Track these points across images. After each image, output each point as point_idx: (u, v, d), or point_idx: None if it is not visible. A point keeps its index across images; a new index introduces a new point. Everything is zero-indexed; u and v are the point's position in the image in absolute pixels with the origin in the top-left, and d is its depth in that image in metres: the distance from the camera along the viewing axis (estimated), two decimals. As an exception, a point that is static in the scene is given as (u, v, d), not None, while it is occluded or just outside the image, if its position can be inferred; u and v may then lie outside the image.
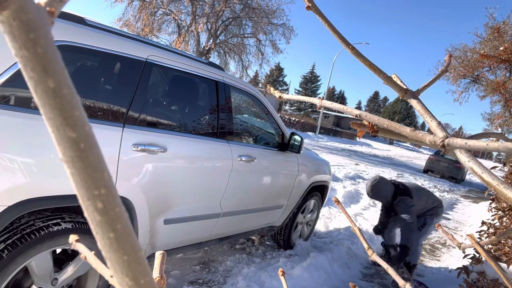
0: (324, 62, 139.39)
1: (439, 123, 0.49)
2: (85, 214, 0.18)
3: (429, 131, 0.51)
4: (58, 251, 1.97)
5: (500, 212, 3.38)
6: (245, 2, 19.26)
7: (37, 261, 1.72)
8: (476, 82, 13.33)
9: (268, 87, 0.81)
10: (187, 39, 19.49)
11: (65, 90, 0.17)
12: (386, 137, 0.61)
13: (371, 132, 0.59)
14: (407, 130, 0.50)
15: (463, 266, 2.60)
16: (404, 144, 56.08)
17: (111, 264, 0.19)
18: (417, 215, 3.81)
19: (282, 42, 24.00)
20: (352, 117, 0.60)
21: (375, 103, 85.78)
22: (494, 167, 4.17)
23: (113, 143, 1.95)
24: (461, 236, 6.43)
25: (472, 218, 8.21)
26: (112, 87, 2.14)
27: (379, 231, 4.21)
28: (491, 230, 3.37)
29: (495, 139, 0.76)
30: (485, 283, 2.33)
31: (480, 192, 14.84)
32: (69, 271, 1.89)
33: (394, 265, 3.67)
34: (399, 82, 0.61)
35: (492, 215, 3.52)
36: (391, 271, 0.57)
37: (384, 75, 0.58)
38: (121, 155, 1.96)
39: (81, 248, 0.30)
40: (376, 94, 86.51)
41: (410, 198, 3.73)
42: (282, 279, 0.57)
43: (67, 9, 2.18)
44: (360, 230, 0.63)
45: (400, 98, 0.60)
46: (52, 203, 1.72)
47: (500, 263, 2.31)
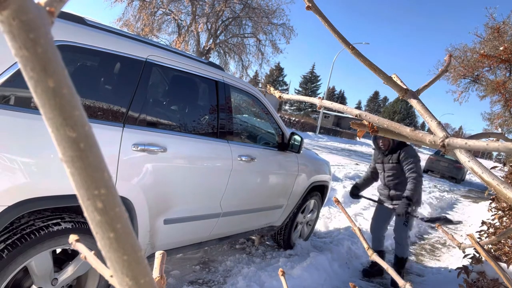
0: (324, 62, 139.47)
1: (439, 123, 0.49)
2: (85, 214, 0.18)
3: (429, 131, 0.51)
4: (58, 251, 1.97)
5: (500, 212, 3.38)
6: (245, 2, 19.26)
7: (37, 261, 1.72)
8: (476, 82, 13.33)
9: (268, 87, 0.81)
10: (187, 39, 19.49)
11: (65, 90, 0.17)
12: (386, 137, 0.61)
13: (371, 132, 0.59)
14: (407, 130, 0.50)
15: (463, 266, 2.60)
16: (404, 144, 55.95)
17: (111, 264, 0.19)
18: (397, 195, 3.66)
19: (282, 42, 24.07)
20: (352, 117, 0.60)
21: (375, 103, 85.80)
22: (494, 167, 4.17)
23: (113, 143, 1.95)
24: (461, 236, 6.43)
25: (472, 218, 8.22)
26: (112, 87, 2.14)
27: (355, 193, 4.00)
28: (491, 230, 3.37)
29: (495, 139, 0.76)
30: (485, 283, 2.33)
31: (480, 192, 14.84)
32: (69, 271, 1.89)
33: (401, 211, 3.40)
34: (399, 82, 0.61)
35: (492, 215, 3.52)
36: (391, 271, 0.57)
37: (384, 75, 0.58)
38: (121, 155, 1.96)
39: (81, 248, 0.30)
40: (376, 94, 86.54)
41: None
42: (282, 279, 0.57)
43: (67, 9, 2.18)
44: (360, 230, 0.63)
45: (400, 98, 0.60)
46: (52, 203, 1.72)
47: (500, 263, 2.31)
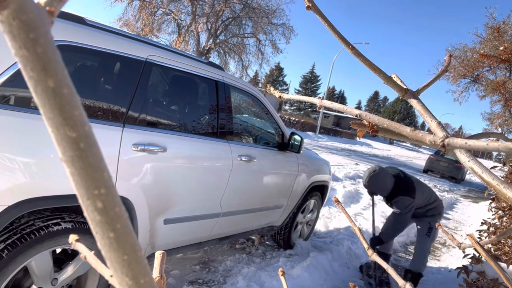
0: (324, 62, 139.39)
1: (439, 123, 0.49)
2: (85, 214, 0.18)
3: (429, 131, 0.51)
4: (58, 251, 1.97)
5: (500, 212, 3.38)
6: (245, 2, 19.26)
7: (37, 261, 1.72)
8: (476, 82, 13.32)
9: (268, 87, 0.81)
10: (187, 39, 19.48)
11: (65, 89, 0.17)
12: (386, 137, 0.61)
13: (371, 132, 0.59)
14: (407, 130, 0.50)
15: (463, 266, 2.60)
16: (404, 144, 56.09)
17: (111, 264, 0.19)
18: (417, 213, 3.59)
19: (282, 42, 24.07)
20: (352, 117, 0.60)
21: (375, 103, 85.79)
22: (494, 167, 4.18)
23: (113, 143, 1.95)
24: (461, 236, 6.43)
25: (472, 217, 8.22)
26: (112, 87, 2.14)
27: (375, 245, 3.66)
28: (491, 230, 3.38)
29: (495, 139, 0.76)
30: (485, 282, 2.33)
31: (480, 192, 14.85)
32: (69, 271, 1.89)
33: (373, 244, 3.50)
34: (399, 82, 0.61)
35: (492, 215, 3.52)
36: (391, 271, 0.57)
37: (384, 75, 0.58)
38: (121, 155, 1.96)
39: (81, 248, 0.30)
40: (376, 94, 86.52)
41: (412, 197, 3.43)
42: (282, 279, 0.57)
43: (67, 9, 2.18)
44: (360, 230, 0.63)
45: (400, 98, 0.60)
46: (52, 203, 1.72)
47: (500, 263, 2.31)
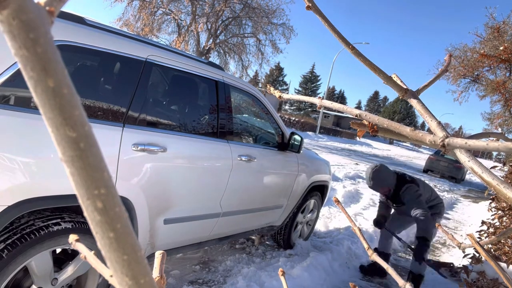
0: (324, 62, 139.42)
1: (439, 122, 0.49)
2: (85, 214, 0.18)
3: (429, 130, 0.51)
4: (58, 251, 1.97)
5: (500, 212, 3.38)
6: (245, 2, 19.26)
7: (37, 261, 1.71)
8: (476, 81, 13.32)
9: (268, 87, 0.81)
10: (187, 39, 19.48)
11: (65, 89, 0.17)
12: (386, 137, 0.61)
13: (371, 131, 0.59)
14: (407, 129, 0.50)
15: (463, 265, 2.61)
16: (404, 144, 56.10)
17: (111, 264, 0.19)
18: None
19: (282, 42, 24.09)
20: (352, 116, 0.60)
21: (375, 103, 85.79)
22: (494, 167, 4.18)
23: (113, 143, 1.95)
24: (461, 235, 6.43)
25: (472, 217, 8.22)
26: (112, 87, 2.13)
27: (380, 224, 3.89)
28: (491, 230, 3.38)
29: (495, 138, 0.76)
30: (485, 282, 2.33)
31: (480, 191, 14.84)
32: (69, 271, 1.89)
33: (419, 260, 3.30)
34: (399, 82, 0.61)
35: (492, 215, 3.52)
36: (391, 271, 0.57)
37: (384, 75, 0.58)
38: (121, 155, 1.96)
39: (81, 248, 0.30)
40: (376, 93, 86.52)
41: (416, 184, 3.46)
42: (282, 279, 0.57)
43: (67, 8, 2.18)
44: (360, 230, 0.63)
45: (400, 98, 0.60)
46: (52, 203, 1.72)
47: (500, 263, 2.31)
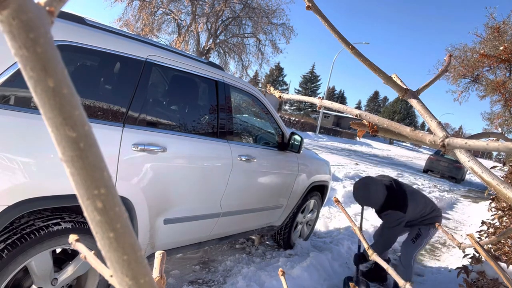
0: (324, 62, 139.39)
1: (439, 123, 0.49)
2: (85, 214, 0.18)
3: (429, 131, 0.51)
4: (58, 251, 1.97)
5: (500, 212, 3.38)
6: (245, 2, 19.26)
7: (37, 261, 1.72)
8: (476, 82, 13.32)
9: (268, 87, 0.81)
10: (187, 39, 19.48)
11: (64, 89, 0.17)
12: (386, 137, 0.61)
13: (371, 132, 0.59)
14: (407, 130, 0.50)
15: (463, 265, 2.60)
16: (404, 144, 56.09)
17: (111, 264, 0.19)
18: (411, 223, 3.37)
19: (282, 42, 24.14)
20: (352, 117, 0.60)
21: (375, 103, 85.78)
22: (494, 167, 4.18)
23: (113, 143, 1.95)
24: (461, 235, 6.43)
25: (472, 217, 8.22)
26: (112, 87, 2.13)
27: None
28: (491, 230, 3.38)
29: (495, 139, 0.76)
30: (485, 282, 2.33)
31: (480, 192, 14.85)
32: (69, 271, 1.89)
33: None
34: (399, 82, 0.61)
35: (492, 215, 3.52)
36: (391, 271, 0.57)
37: (384, 75, 0.58)
38: (121, 155, 1.96)
39: (81, 248, 0.30)
40: (376, 94, 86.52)
41: (403, 211, 3.18)
42: (282, 279, 0.57)
43: (67, 8, 2.18)
44: (360, 230, 0.63)
45: (400, 98, 0.60)
46: (52, 203, 1.72)
47: (500, 263, 2.31)
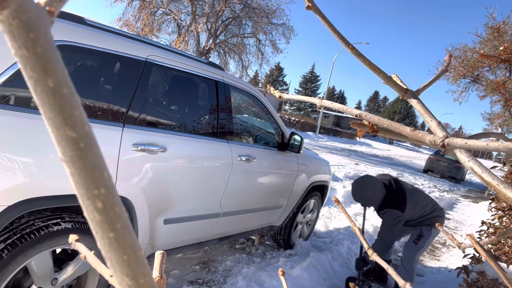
0: (324, 62, 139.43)
1: (439, 123, 0.49)
2: (85, 214, 0.18)
3: (429, 131, 0.51)
4: (58, 251, 1.97)
5: (500, 212, 3.38)
6: (245, 2, 19.26)
7: (37, 261, 1.72)
8: (476, 82, 13.32)
9: (268, 87, 0.81)
10: (187, 39, 19.48)
11: (64, 89, 0.17)
12: (386, 137, 0.61)
13: (371, 132, 0.59)
14: (407, 130, 0.50)
15: (463, 266, 2.60)
16: (404, 144, 56.08)
17: (111, 264, 0.19)
18: (411, 223, 3.31)
19: (282, 42, 24.15)
20: (352, 117, 0.60)
21: (375, 103, 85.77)
22: (494, 167, 4.18)
23: (113, 143, 1.95)
24: (461, 236, 6.43)
25: (472, 218, 8.22)
26: (112, 87, 2.13)
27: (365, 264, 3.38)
28: (491, 230, 3.38)
29: (495, 139, 0.76)
30: (485, 282, 2.33)
31: (480, 192, 14.85)
32: (69, 271, 1.89)
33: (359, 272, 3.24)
34: (399, 82, 0.61)
35: (492, 215, 3.52)
36: (391, 271, 0.57)
37: (384, 75, 0.58)
38: (121, 155, 1.96)
39: (81, 248, 0.30)
40: (376, 94, 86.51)
41: (401, 210, 3.14)
42: (282, 279, 0.57)
43: (67, 8, 2.18)
44: (360, 230, 0.63)
45: (400, 98, 0.60)
46: (52, 203, 1.72)
47: (500, 263, 2.31)
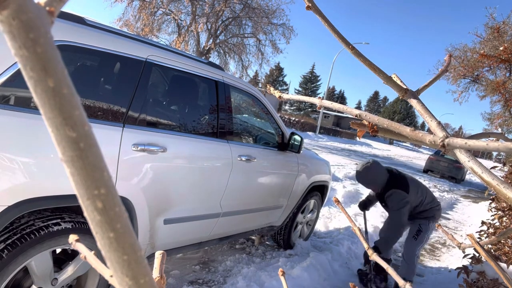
0: (324, 62, 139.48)
1: (439, 123, 0.49)
2: (85, 214, 0.18)
3: (429, 131, 0.51)
4: (58, 251, 1.97)
5: (500, 212, 3.38)
6: (245, 2, 19.26)
7: (37, 261, 1.72)
8: (476, 82, 13.32)
9: (268, 87, 0.81)
10: (187, 39, 19.48)
11: (64, 89, 0.17)
12: (386, 137, 0.61)
13: (371, 132, 0.59)
14: (407, 130, 0.50)
15: (463, 266, 2.60)
16: (404, 144, 56.08)
17: (111, 264, 0.19)
18: (411, 214, 3.33)
19: (282, 42, 24.15)
20: (352, 117, 0.60)
21: (375, 103, 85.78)
22: (494, 167, 4.18)
23: (113, 143, 1.95)
24: (461, 236, 6.43)
25: (472, 218, 8.22)
26: (112, 87, 2.14)
27: (365, 206, 3.89)
28: (491, 230, 3.38)
29: (495, 139, 0.76)
30: (485, 283, 2.33)
31: (480, 192, 14.85)
32: (69, 271, 1.89)
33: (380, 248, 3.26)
34: (399, 82, 0.61)
35: (492, 215, 3.52)
36: (391, 271, 0.57)
37: (384, 75, 0.58)
38: (121, 155, 1.96)
39: (81, 248, 0.30)
40: (376, 94, 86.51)
41: (406, 192, 3.20)
42: (282, 279, 0.57)
43: (67, 9, 2.18)
44: (360, 230, 0.63)
45: (400, 98, 0.60)
46: (52, 203, 1.72)
47: (500, 263, 2.31)
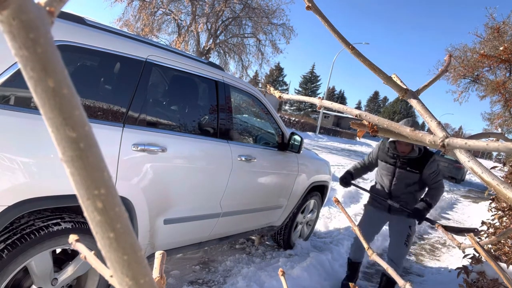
0: (324, 62, 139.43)
1: (439, 123, 0.49)
2: (85, 214, 0.18)
3: (429, 131, 0.51)
4: (58, 251, 1.98)
5: (500, 212, 3.38)
6: (245, 2, 19.25)
7: (37, 261, 1.72)
8: (476, 82, 13.32)
9: (268, 87, 0.81)
10: (187, 39, 19.47)
11: (65, 89, 0.17)
12: (386, 137, 0.61)
13: (371, 132, 0.59)
14: (407, 130, 0.50)
15: (463, 266, 2.60)
16: (404, 144, 55.90)
17: (111, 264, 0.19)
18: (405, 196, 3.07)
19: (282, 42, 24.10)
20: (352, 117, 0.60)
21: (375, 103, 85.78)
22: (494, 167, 4.17)
23: (113, 143, 1.95)
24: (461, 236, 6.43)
25: (472, 218, 8.22)
26: (112, 87, 2.14)
27: (347, 182, 3.34)
28: (491, 230, 3.37)
29: (495, 139, 0.76)
30: (485, 283, 2.33)
31: (480, 192, 14.85)
32: (69, 271, 1.89)
33: (419, 218, 2.89)
34: (399, 82, 0.61)
35: (492, 215, 3.52)
36: (391, 271, 0.57)
37: (384, 75, 0.58)
38: (121, 155, 1.96)
39: (81, 248, 0.30)
40: (376, 94, 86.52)
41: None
42: (282, 279, 0.57)
43: (67, 9, 2.18)
44: (360, 230, 0.63)
45: (400, 98, 0.60)
46: (52, 203, 1.72)
47: (500, 263, 2.31)
